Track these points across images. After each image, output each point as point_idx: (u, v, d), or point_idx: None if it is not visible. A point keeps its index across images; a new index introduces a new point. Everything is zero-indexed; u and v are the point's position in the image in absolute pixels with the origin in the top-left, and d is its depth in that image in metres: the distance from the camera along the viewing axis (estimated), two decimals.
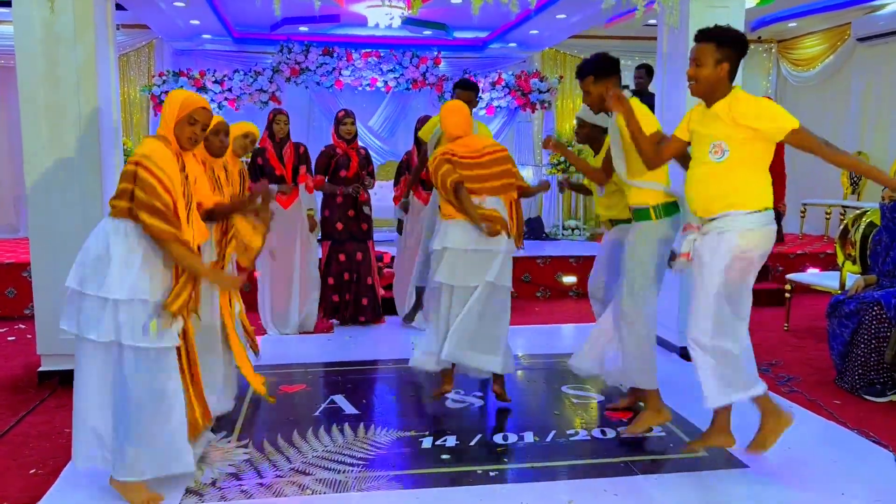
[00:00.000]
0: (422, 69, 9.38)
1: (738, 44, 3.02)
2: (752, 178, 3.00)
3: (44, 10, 4.16)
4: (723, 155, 2.97)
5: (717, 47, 3.00)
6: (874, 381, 4.26)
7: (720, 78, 3.00)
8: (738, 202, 2.98)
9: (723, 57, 2.99)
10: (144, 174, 2.81)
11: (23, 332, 5.92)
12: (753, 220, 2.98)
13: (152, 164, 2.83)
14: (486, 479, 3.19)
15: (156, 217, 2.80)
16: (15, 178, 9.04)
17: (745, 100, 2.98)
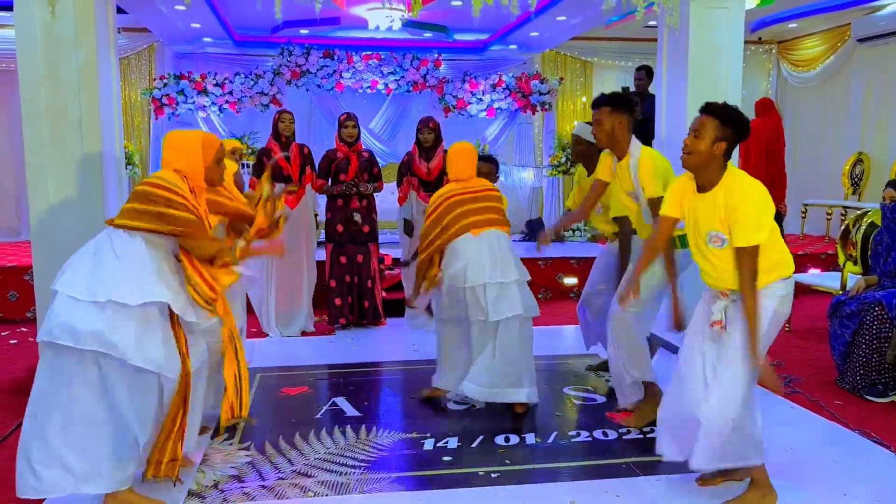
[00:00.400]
0: (422, 71, 9.38)
1: (741, 128, 2.87)
2: (772, 250, 2.86)
3: (45, 13, 4.18)
4: (723, 244, 2.85)
5: (719, 124, 2.85)
6: (876, 382, 4.26)
7: (715, 156, 2.85)
8: (768, 277, 2.86)
9: (722, 136, 2.84)
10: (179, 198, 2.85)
11: (25, 335, 5.93)
12: (786, 286, 2.91)
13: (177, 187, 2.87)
14: (487, 481, 3.19)
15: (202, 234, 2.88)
16: (16, 181, 9.05)
17: (737, 197, 2.79)
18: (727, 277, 2.90)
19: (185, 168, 2.95)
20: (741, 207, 2.77)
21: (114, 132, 4.67)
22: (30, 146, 4.35)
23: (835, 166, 9.36)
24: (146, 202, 2.83)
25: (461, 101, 9.47)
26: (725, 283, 2.92)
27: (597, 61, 10.33)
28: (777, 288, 2.89)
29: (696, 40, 4.84)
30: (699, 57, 4.85)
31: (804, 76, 9.90)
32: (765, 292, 2.86)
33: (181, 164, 2.95)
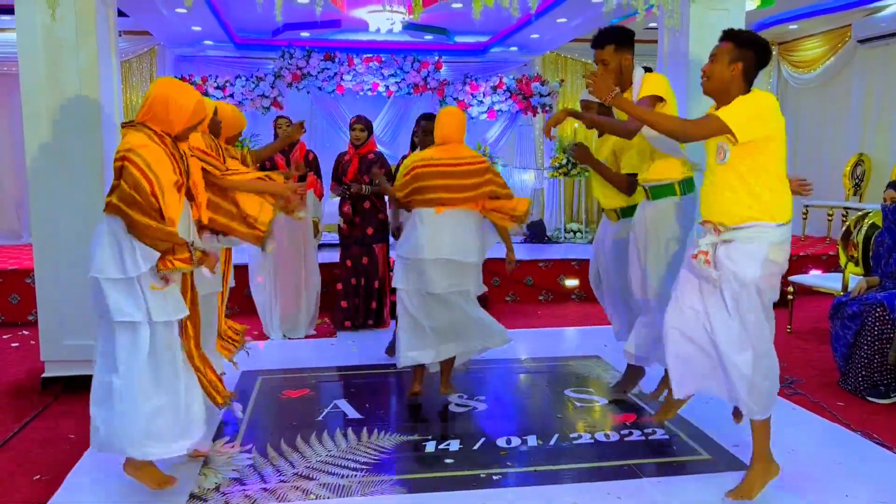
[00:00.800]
0: (423, 74, 9.40)
1: (758, 48, 2.88)
2: (770, 187, 2.83)
3: (46, 16, 4.18)
4: (724, 157, 2.84)
5: (734, 46, 2.88)
6: (877, 383, 4.26)
7: (732, 77, 2.87)
8: (763, 213, 2.82)
9: (738, 57, 2.86)
10: (130, 167, 2.82)
11: (26, 338, 5.93)
12: (781, 233, 2.86)
13: (138, 157, 2.82)
14: (489, 483, 3.19)
15: (134, 209, 2.80)
16: (18, 184, 9.06)
17: (741, 97, 2.86)
18: (723, 203, 2.87)
19: (158, 124, 2.92)
20: (740, 99, 2.82)
21: (115, 135, 4.67)
22: (31, 149, 4.35)
23: (836, 167, 9.36)
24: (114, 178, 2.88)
25: (462, 104, 9.48)
26: (720, 210, 2.89)
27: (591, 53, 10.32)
28: (769, 230, 2.83)
29: (697, 42, 4.84)
30: (699, 58, 4.84)
31: (805, 77, 9.90)
32: (757, 232, 2.83)
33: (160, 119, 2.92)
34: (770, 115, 2.81)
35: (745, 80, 2.90)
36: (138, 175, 2.80)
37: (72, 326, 4.46)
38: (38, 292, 4.48)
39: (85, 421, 3.94)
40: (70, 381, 4.50)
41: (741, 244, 2.84)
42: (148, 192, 2.81)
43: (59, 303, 4.44)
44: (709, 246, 2.89)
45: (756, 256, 2.81)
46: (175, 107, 2.92)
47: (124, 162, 2.83)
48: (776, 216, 2.84)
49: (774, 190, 2.84)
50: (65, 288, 4.42)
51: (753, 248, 2.82)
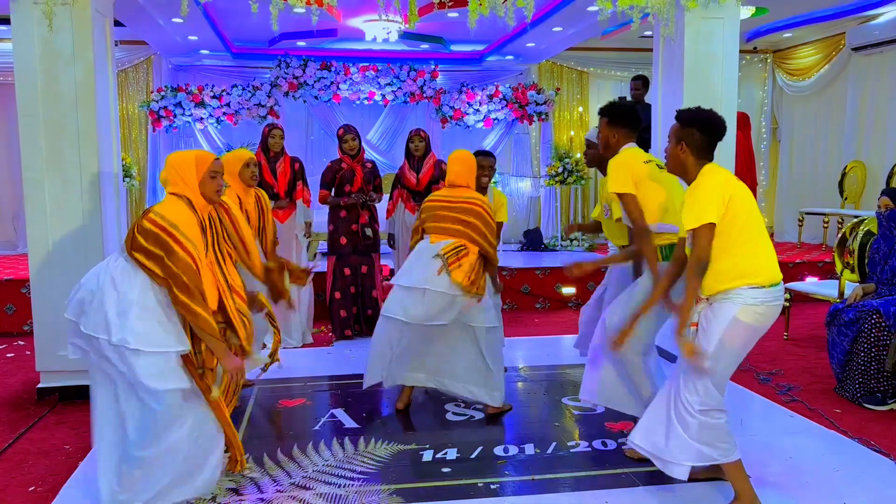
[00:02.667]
0: (419, 82, 9.42)
1: (700, 124, 2.93)
2: (742, 255, 2.83)
3: (43, 27, 4.19)
4: (690, 242, 2.88)
5: (679, 127, 2.97)
6: (874, 390, 4.26)
7: (683, 157, 2.95)
8: (735, 279, 2.82)
9: (682, 136, 2.94)
10: (176, 247, 2.82)
11: (22, 348, 5.91)
12: (757, 295, 2.82)
13: (180, 233, 2.85)
14: (487, 492, 3.18)
15: (186, 295, 2.82)
16: (14, 194, 9.05)
17: (692, 185, 2.90)
18: (710, 275, 2.88)
19: (184, 190, 2.98)
20: (691, 191, 2.86)
21: (111, 145, 4.68)
22: (27, 159, 4.35)
23: (831, 175, 9.39)
24: (153, 243, 2.83)
25: (458, 112, 9.50)
26: (713, 286, 2.89)
27: (593, 71, 10.38)
28: (743, 293, 2.82)
29: (692, 50, 4.86)
30: (695, 66, 4.87)
31: (799, 85, 9.95)
32: (729, 295, 2.84)
33: (179, 185, 2.98)
34: (717, 190, 2.81)
35: (697, 156, 2.95)
36: (187, 258, 2.84)
37: (67, 337, 4.44)
38: (34, 303, 4.47)
39: (80, 431, 3.95)
40: (66, 392, 4.48)
41: (717, 304, 2.88)
42: (196, 274, 2.86)
43: (55, 313, 4.42)
44: (696, 314, 2.96)
45: (725, 315, 2.84)
46: (179, 163, 3.00)
47: (170, 239, 2.83)
48: (750, 279, 2.83)
49: (746, 255, 2.84)
50: (60, 298, 4.39)
51: (725, 307, 2.85)
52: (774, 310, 2.88)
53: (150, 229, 2.84)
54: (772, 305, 2.86)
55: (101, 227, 4.45)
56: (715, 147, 2.99)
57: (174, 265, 2.81)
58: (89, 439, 3.82)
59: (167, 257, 2.82)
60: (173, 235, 2.84)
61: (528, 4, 4.50)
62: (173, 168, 3.01)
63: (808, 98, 9.96)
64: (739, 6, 5.00)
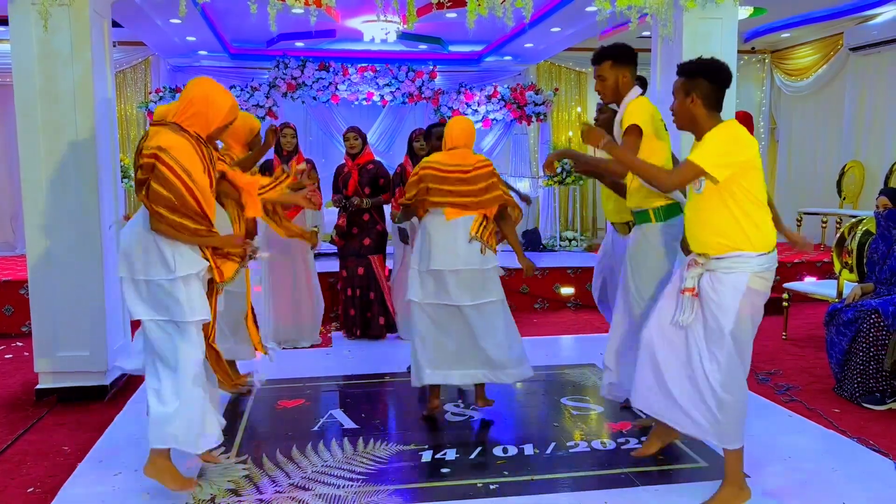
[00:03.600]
0: (418, 83, 9.41)
1: (708, 72, 2.88)
2: (749, 215, 2.83)
3: (40, 28, 4.18)
4: (700, 186, 2.87)
5: (685, 80, 2.92)
6: (873, 389, 4.26)
7: (693, 109, 2.90)
8: (743, 242, 2.83)
9: (691, 88, 2.88)
10: (162, 168, 2.85)
11: (20, 349, 5.90)
12: (762, 263, 2.85)
13: (169, 157, 2.86)
14: (486, 493, 3.18)
15: (168, 210, 2.86)
16: (12, 195, 9.04)
17: (709, 134, 2.85)
18: (704, 234, 2.90)
19: (194, 123, 2.98)
20: (719, 132, 2.83)
21: (109, 146, 4.68)
22: (25, 161, 4.35)
23: (829, 175, 9.39)
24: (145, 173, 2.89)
25: (456, 113, 9.50)
26: (702, 241, 2.91)
27: (591, 71, 10.34)
28: (751, 260, 2.84)
29: (690, 50, 4.86)
30: None
31: (797, 85, 9.95)
32: (738, 261, 2.84)
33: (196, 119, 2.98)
34: (741, 145, 2.82)
35: (708, 107, 2.90)
36: (171, 177, 2.85)
37: (66, 338, 4.45)
38: (32, 304, 4.46)
39: (79, 432, 3.95)
40: (64, 393, 4.48)
41: (723, 274, 2.87)
42: (183, 192, 2.87)
43: (53, 314, 4.43)
44: (694, 280, 2.93)
45: (738, 287, 2.84)
46: (214, 105, 3.01)
47: (156, 161, 2.85)
48: (757, 245, 2.84)
49: (754, 218, 2.85)
50: (59, 299, 4.41)
51: (734, 278, 2.84)
52: (773, 274, 2.93)
53: (142, 162, 2.88)
54: (773, 270, 2.92)
55: (100, 228, 4.45)
56: (724, 97, 2.93)
57: (160, 186, 2.84)
58: (88, 440, 3.83)
59: (152, 180, 2.85)
60: (158, 157, 2.84)
61: (527, 5, 4.50)
62: (205, 102, 2.98)
63: (806, 98, 9.97)
64: (737, 6, 5.00)
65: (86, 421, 4.16)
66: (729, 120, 2.93)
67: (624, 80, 3.57)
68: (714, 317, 2.88)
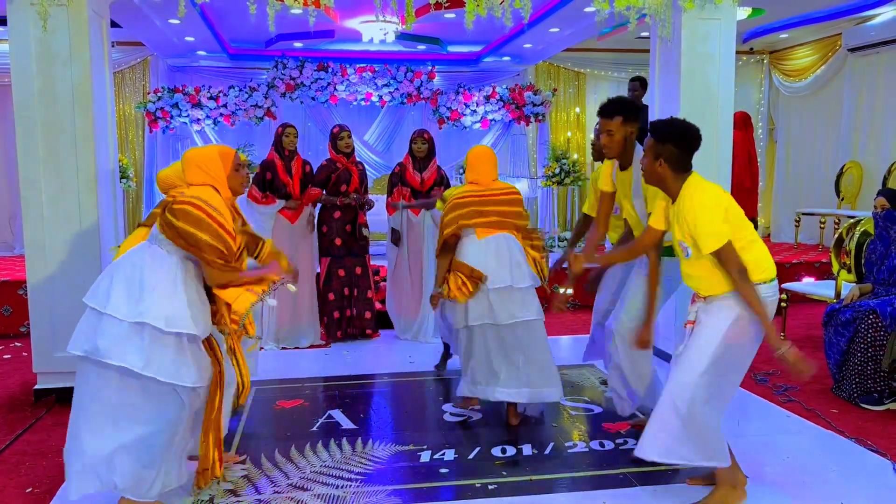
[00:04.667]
0: (416, 83, 9.42)
1: (676, 138, 2.91)
2: (745, 256, 2.85)
3: (39, 28, 4.18)
4: (687, 253, 2.92)
5: (654, 142, 2.95)
6: (871, 390, 4.27)
7: (662, 171, 2.94)
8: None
9: (659, 152, 2.92)
10: (212, 223, 2.84)
11: (19, 350, 5.90)
12: (766, 290, 2.87)
13: (216, 211, 2.86)
14: (485, 493, 3.18)
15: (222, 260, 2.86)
16: (10, 195, 9.03)
17: (687, 207, 2.86)
18: (702, 284, 2.95)
19: (211, 181, 2.97)
20: (696, 218, 2.83)
21: (108, 146, 4.67)
22: (24, 161, 4.34)
23: (827, 175, 9.40)
24: (190, 223, 2.82)
25: (455, 113, 9.50)
26: (701, 289, 2.98)
27: (590, 72, 10.39)
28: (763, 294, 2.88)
29: (689, 51, 4.87)
30: (691, 67, 4.87)
31: (796, 86, 9.96)
32: (734, 294, 2.87)
33: (205, 179, 2.97)
34: (716, 204, 2.84)
35: (675, 170, 2.93)
36: (211, 223, 2.84)
37: (64, 338, 4.39)
38: (31, 304, 4.46)
39: None
40: (63, 393, 4.48)
41: (719, 301, 2.92)
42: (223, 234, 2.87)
43: (52, 314, 4.43)
44: (693, 314, 3.00)
45: (730, 311, 2.87)
46: (203, 162, 2.98)
47: (192, 207, 2.83)
48: (756, 276, 2.87)
49: (749, 256, 2.86)
50: (57, 300, 4.41)
51: (729, 303, 2.89)
52: (775, 303, 2.94)
53: (183, 208, 2.83)
54: (774, 299, 2.93)
55: (98, 228, 4.45)
56: (692, 158, 2.97)
57: (209, 237, 2.82)
58: None
59: (199, 231, 2.81)
60: (207, 212, 2.83)
61: (525, 5, 4.50)
62: (197, 165, 2.98)
63: (804, 99, 9.98)
64: (736, 7, 5.00)
65: None
66: (691, 179, 2.93)
67: (631, 136, 3.63)
68: (699, 338, 2.91)
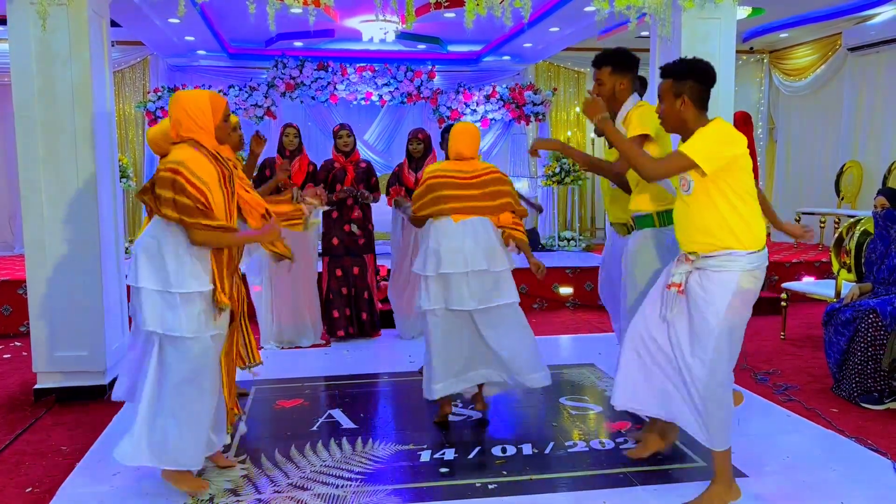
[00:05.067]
0: (416, 83, 9.42)
1: (696, 73, 2.86)
2: (738, 213, 2.81)
3: (39, 28, 4.18)
4: (689, 188, 2.86)
5: (673, 82, 2.88)
6: (871, 389, 4.27)
7: (683, 111, 2.87)
8: (733, 241, 2.81)
9: (680, 90, 2.86)
10: (181, 181, 2.88)
11: (18, 349, 5.90)
12: (752, 261, 2.84)
13: (188, 170, 2.89)
14: (485, 493, 3.18)
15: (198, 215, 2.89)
16: (10, 195, 9.04)
17: (696, 133, 2.84)
18: (692, 233, 2.89)
19: (195, 134, 2.99)
20: (699, 131, 2.82)
21: (108, 146, 4.67)
22: (24, 160, 4.34)
23: (827, 175, 9.41)
24: (164, 188, 2.90)
25: (455, 112, 9.50)
26: (691, 240, 2.90)
27: (590, 72, 10.36)
28: (741, 259, 2.82)
29: (689, 50, 4.86)
30: None
31: (796, 85, 9.96)
32: (727, 259, 2.82)
33: (190, 127, 2.98)
34: (731, 140, 2.81)
35: (698, 108, 2.89)
36: (191, 189, 2.88)
37: (64, 338, 4.44)
38: (31, 303, 4.46)
39: (77, 432, 3.94)
40: (62, 393, 4.48)
41: (712, 272, 2.86)
42: (202, 201, 2.90)
43: (52, 314, 4.42)
44: (682, 276, 2.92)
45: (727, 286, 2.83)
46: (193, 104, 3.00)
47: (175, 175, 2.89)
48: (746, 243, 2.83)
49: (743, 215, 2.83)
50: (57, 299, 4.41)
51: (725, 277, 2.83)
52: (764, 272, 2.91)
53: (160, 176, 2.90)
54: (763, 268, 2.90)
55: (98, 227, 4.44)
56: (709, 96, 2.92)
57: (186, 199, 2.86)
58: (86, 440, 3.83)
59: (176, 195, 2.87)
60: (180, 173, 2.87)
61: (525, 4, 4.50)
62: (184, 109, 2.98)
63: (804, 98, 9.98)
64: (736, 6, 5.00)
65: (84, 421, 4.15)
66: (717, 118, 2.91)
67: (621, 88, 3.53)
68: (701, 315, 2.86)
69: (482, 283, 3.79)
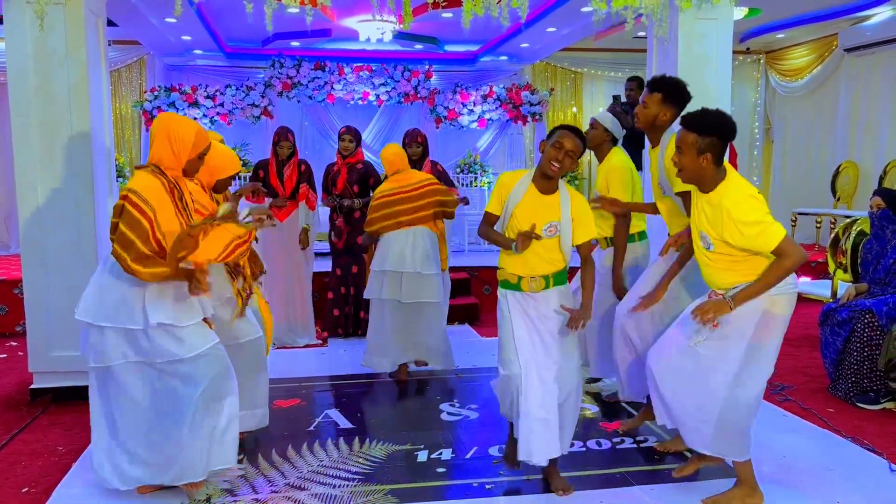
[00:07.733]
0: (413, 83, 9.42)
1: (722, 131, 2.79)
2: (758, 258, 2.82)
3: (35, 27, 4.17)
4: (709, 247, 2.87)
5: (698, 137, 2.78)
6: (867, 389, 4.28)
7: (704, 168, 2.81)
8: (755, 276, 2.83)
9: (705, 147, 2.78)
10: (129, 208, 2.81)
11: (14, 349, 5.89)
12: (780, 286, 2.82)
13: (138, 197, 2.83)
14: (482, 493, 3.19)
15: (125, 250, 2.80)
16: (6, 194, 9.02)
17: (729, 206, 2.75)
18: (718, 278, 2.91)
19: (164, 159, 2.95)
20: (745, 220, 2.73)
21: (104, 145, 4.66)
22: (20, 160, 4.33)
23: (823, 175, 9.43)
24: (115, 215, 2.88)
25: (452, 112, 9.50)
26: (716, 284, 2.93)
27: (587, 72, 10.40)
28: (787, 286, 2.85)
29: (685, 51, 4.87)
30: (688, 67, 4.88)
31: (792, 86, 9.98)
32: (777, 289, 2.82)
33: (164, 154, 2.94)
34: (764, 204, 2.80)
35: (717, 163, 2.83)
36: (138, 216, 2.81)
37: (60, 337, 4.43)
38: (27, 303, 4.45)
39: (73, 432, 3.94)
40: (59, 393, 4.47)
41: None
42: (148, 231, 2.82)
43: (48, 314, 4.41)
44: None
45: (755, 306, 2.83)
46: (176, 135, 2.95)
47: (125, 202, 2.83)
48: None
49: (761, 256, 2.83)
50: (53, 299, 4.40)
51: (754, 303, 2.83)
52: (793, 296, 2.92)
53: (116, 205, 2.87)
54: (792, 292, 2.90)
55: (95, 227, 4.44)
56: None
57: (124, 225, 2.79)
58: (82, 440, 3.82)
59: (120, 221, 2.81)
60: (129, 199, 2.82)
61: (523, 5, 4.50)
62: (167, 135, 2.93)
63: (800, 99, 10.00)
64: (733, 7, 5.01)
65: (80, 421, 4.14)
66: (730, 175, 2.86)
67: (664, 119, 3.50)
68: (736, 333, 2.88)
69: (413, 283, 4.63)
